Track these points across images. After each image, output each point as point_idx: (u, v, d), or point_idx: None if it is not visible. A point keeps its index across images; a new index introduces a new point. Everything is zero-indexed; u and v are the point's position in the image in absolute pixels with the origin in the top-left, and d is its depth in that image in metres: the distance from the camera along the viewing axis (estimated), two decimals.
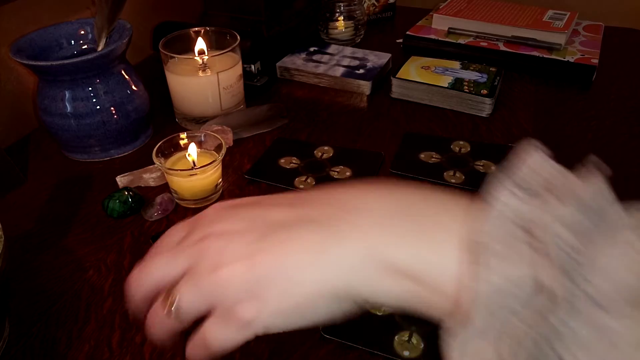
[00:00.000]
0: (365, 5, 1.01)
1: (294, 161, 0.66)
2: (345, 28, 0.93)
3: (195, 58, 0.71)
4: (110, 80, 0.64)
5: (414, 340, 0.43)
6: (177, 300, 0.28)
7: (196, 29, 0.74)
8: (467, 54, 0.88)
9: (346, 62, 0.86)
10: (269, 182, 0.62)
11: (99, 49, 0.67)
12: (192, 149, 0.59)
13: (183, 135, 0.61)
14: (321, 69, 0.84)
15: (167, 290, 0.29)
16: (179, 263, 0.29)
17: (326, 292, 0.27)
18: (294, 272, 0.27)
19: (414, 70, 0.80)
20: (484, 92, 0.74)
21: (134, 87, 0.67)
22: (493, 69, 0.80)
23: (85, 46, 0.70)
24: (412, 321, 0.45)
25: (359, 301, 0.28)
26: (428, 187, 0.29)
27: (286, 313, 0.28)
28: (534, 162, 0.26)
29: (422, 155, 0.66)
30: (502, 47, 0.88)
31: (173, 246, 0.31)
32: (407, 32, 0.94)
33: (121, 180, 0.62)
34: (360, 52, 0.88)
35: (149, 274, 0.30)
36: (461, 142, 0.68)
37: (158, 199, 0.59)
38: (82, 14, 0.80)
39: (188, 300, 0.28)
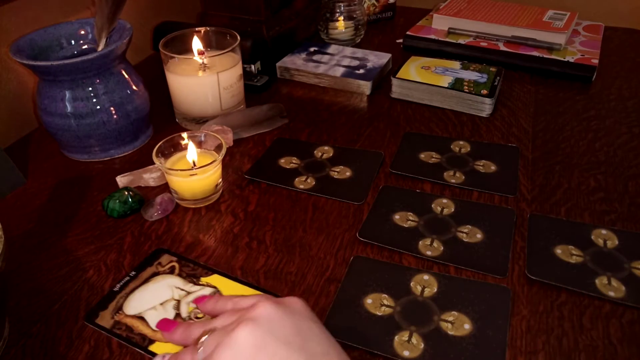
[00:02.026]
0: (365, 5, 1.01)
1: (294, 161, 0.66)
2: (345, 28, 0.93)
3: (195, 58, 0.71)
4: (110, 80, 0.64)
5: (414, 340, 0.43)
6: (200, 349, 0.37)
7: (196, 29, 0.74)
8: (467, 54, 0.88)
9: (346, 62, 0.86)
10: (269, 182, 0.62)
11: (99, 49, 0.67)
12: (192, 149, 0.59)
13: (183, 135, 0.61)
14: (321, 69, 0.84)
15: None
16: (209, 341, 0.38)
17: None
18: None
19: (414, 70, 0.80)
20: (484, 92, 0.74)
21: (134, 87, 0.67)
22: (493, 69, 0.80)
23: (85, 46, 0.70)
24: (412, 321, 0.45)
25: None
26: None
27: None
28: None
29: (422, 155, 0.66)
30: (502, 47, 0.88)
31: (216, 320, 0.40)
32: (407, 32, 0.94)
33: (121, 180, 0.62)
34: (360, 52, 0.89)
35: (190, 334, 0.41)
36: (461, 142, 0.68)
37: (158, 199, 0.59)
38: (82, 14, 0.80)
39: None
